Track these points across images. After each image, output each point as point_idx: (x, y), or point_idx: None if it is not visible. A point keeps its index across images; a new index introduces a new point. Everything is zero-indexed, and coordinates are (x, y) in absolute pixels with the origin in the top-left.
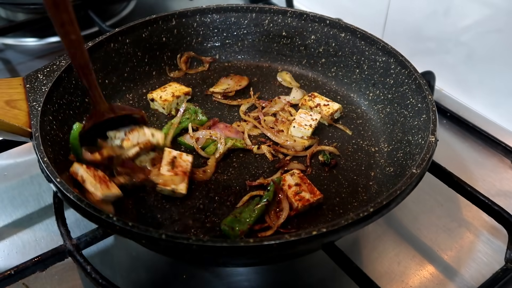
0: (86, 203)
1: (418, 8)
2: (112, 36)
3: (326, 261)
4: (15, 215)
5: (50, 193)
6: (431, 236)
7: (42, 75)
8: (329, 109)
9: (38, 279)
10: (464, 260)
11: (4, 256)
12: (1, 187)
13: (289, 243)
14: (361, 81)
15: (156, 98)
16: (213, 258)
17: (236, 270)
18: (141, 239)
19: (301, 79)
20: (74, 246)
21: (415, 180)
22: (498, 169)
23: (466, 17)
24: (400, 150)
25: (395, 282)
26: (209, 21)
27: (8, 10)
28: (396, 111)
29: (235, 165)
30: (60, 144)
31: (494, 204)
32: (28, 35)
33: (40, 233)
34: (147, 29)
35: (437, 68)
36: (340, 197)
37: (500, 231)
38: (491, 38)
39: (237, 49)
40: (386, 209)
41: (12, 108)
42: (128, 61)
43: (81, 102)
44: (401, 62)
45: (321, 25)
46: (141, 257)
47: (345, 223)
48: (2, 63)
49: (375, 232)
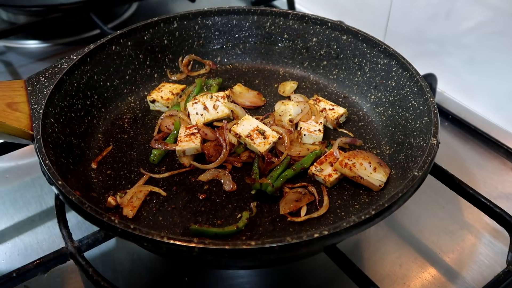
0: (87, 205)
1: (420, 11)
2: (113, 39)
3: (328, 263)
4: (17, 217)
5: (51, 195)
6: (433, 239)
7: (43, 78)
8: (334, 113)
9: (39, 281)
10: (465, 262)
11: (5, 259)
12: (3, 190)
13: (291, 246)
14: (363, 84)
15: (157, 99)
16: (215, 260)
17: (238, 273)
18: (142, 241)
19: (302, 81)
20: (75, 248)
21: (417, 183)
22: (499, 172)
23: (467, 20)
24: (401, 153)
25: (396, 284)
26: (211, 23)
27: (9, 13)
28: (397, 114)
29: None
30: (61, 147)
31: (495, 207)
32: (30, 37)
33: (42, 236)
34: (148, 32)
35: (438, 71)
36: (342, 199)
37: (502, 233)
38: (492, 40)
39: (239, 51)
40: (388, 211)
41: (13, 111)
42: (129, 64)
43: (83, 104)
44: (403, 65)
45: (323, 27)
46: (142, 260)
47: (347, 226)
48: (3, 66)
49: (377, 235)
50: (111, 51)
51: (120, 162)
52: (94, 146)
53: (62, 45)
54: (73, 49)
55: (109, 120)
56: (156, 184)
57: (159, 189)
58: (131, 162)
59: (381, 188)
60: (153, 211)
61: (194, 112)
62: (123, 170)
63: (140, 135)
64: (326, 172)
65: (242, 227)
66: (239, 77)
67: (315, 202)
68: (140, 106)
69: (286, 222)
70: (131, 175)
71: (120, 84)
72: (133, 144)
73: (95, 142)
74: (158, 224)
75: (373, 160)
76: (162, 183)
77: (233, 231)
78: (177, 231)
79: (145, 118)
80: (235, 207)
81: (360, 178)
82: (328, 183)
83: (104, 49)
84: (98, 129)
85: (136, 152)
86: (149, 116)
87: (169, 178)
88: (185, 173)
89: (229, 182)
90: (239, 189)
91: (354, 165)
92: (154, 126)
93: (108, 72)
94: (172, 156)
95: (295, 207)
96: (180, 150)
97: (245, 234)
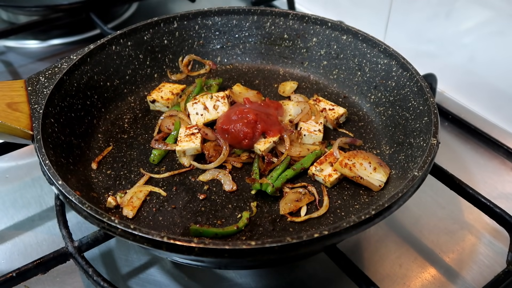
0: (87, 205)
1: (420, 11)
2: (113, 39)
3: (328, 263)
4: (17, 217)
5: (51, 195)
6: (433, 239)
7: (43, 78)
8: (334, 113)
9: (39, 281)
10: (465, 262)
11: (5, 259)
12: (3, 190)
13: (291, 246)
14: (363, 84)
15: (158, 99)
16: (215, 260)
17: (238, 273)
18: (142, 241)
19: (302, 81)
20: (75, 248)
21: (417, 183)
22: (499, 172)
23: (467, 20)
24: (401, 153)
25: (397, 284)
26: (211, 23)
27: (10, 13)
28: (397, 114)
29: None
30: (61, 147)
31: (495, 207)
32: (30, 37)
33: (42, 236)
34: (148, 32)
35: (438, 71)
36: (342, 199)
37: (502, 233)
38: (492, 40)
39: (239, 51)
40: (388, 211)
41: (13, 111)
42: (129, 64)
43: (83, 104)
44: (403, 65)
45: (323, 27)
46: (142, 260)
47: (347, 226)
48: (3, 66)
49: (377, 235)
50: (111, 51)
51: (120, 162)
52: (94, 146)
53: (62, 45)
54: (73, 49)
55: (109, 120)
56: (156, 184)
57: (159, 189)
58: (131, 162)
59: (381, 188)
60: (153, 211)
61: (194, 112)
62: (123, 170)
63: (140, 135)
64: (326, 172)
65: (242, 227)
66: (239, 77)
67: (315, 202)
68: (140, 106)
69: (286, 222)
70: (131, 175)
71: (120, 84)
72: (133, 144)
73: (95, 142)
74: (158, 224)
75: (373, 160)
76: (162, 183)
77: (233, 231)
78: (177, 231)
79: (145, 118)
80: (235, 207)
81: (360, 178)
82: (328, 183)
83: (104, 49)
84: (98, 129)
85: (136, 152)
86: (149, 116)
87: (169, 178)
88: (185, 173)
89: (229, 182)
90: (239, 189)
91: (354, 165)
92: (154, 126)
93: (108, 72)
94: (172, 156)
95: (295, 207)
96: (180, 150)
97: (245, 234)
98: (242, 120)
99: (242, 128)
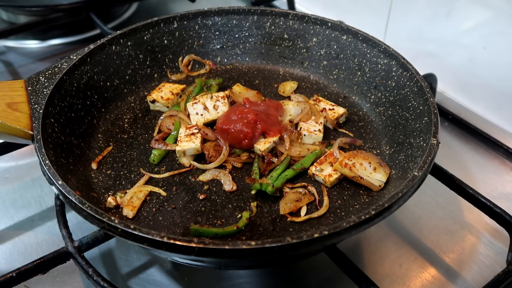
0: (87, 205)
1: (420, 11)
2: (113, 39)
3: (328, 263)
4: (17, 217)
5: (51, 195)
6: (433, 239)
7: (43, 78)
8: (334, 113)
9: (39, 281)
10: (465, 262)
11: (5, 259)
12: (3, 190)
13: (291, 246)
14: (363, 84)
15: (158, 99)
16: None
17: (238, 273)
18: (142, 241)
19: (302, 81)
20: (75, 248)
21: (417, 183)
22: (499, 172)
23: (467, 20)
24: (401, 153)
25: (396, 284)
26: (211, 23)
27: (9, 13)
28: (397, 114)
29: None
30: (61, 147)
31: (495, 207)
32: (30, 37)
33: (42, 236)
34: (148, 32)
35: (438, 71)
36: (342, 199)
37: (502, 233)
38: (492, 40)
39: (239, 51)
40: (388, 211)
41: (13, 111)
42: (129, 64)
43: (83, 104)
44: (403, 65)
45: (323, 27)
46: (142, 260)
47: (347, 226)
48: (3, 66)
49: (377, 235)
50: (111, 51)
51: (120, 162)
52: (94, 146)
53: (62, 45)
54: (73, 49)
55: (109, 120)
56: (156, 184)
57: (159, 189)
58: (131, 162)
59: (381, 188)
60: (153, 211)
61: (194, 112)
62: (123, 170)
63: (140, 135)
64: (326, 172)
65: (242, 227)
66: (239, 77)
67: (315, 202)
68: (140, 106)
69: (286, 222)
70: (131, 175)
71: (120, 84)
72: (133, 144)
73: (95, 142)
74: (158, 224)
75: (373, 160)
76: (162, 183)
77: (233, 231)
78: (177, 231)
79: (145, 118)
80: (235, 207)
81: (360, 178)
82: (328, 183)
83: (104, 49)
84: (98, 129)
85: (136, 152)
86: (149, 116)
87: (169, 178)
88: (185, 173)
89: (229, 182)
90: (239, 189)
91: (354, 165)
92: (154, 126)
93: (108, 72)
94: (172, 156)
95: (295, 207)
96: (180, 150)
97: (245, 234)
98: (242, 120)
99: (242, 128)
